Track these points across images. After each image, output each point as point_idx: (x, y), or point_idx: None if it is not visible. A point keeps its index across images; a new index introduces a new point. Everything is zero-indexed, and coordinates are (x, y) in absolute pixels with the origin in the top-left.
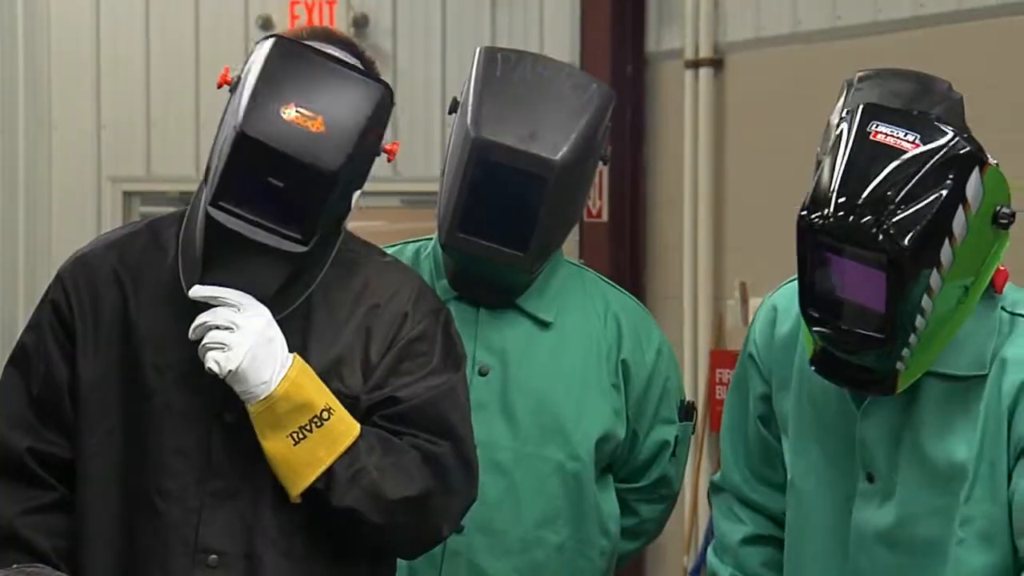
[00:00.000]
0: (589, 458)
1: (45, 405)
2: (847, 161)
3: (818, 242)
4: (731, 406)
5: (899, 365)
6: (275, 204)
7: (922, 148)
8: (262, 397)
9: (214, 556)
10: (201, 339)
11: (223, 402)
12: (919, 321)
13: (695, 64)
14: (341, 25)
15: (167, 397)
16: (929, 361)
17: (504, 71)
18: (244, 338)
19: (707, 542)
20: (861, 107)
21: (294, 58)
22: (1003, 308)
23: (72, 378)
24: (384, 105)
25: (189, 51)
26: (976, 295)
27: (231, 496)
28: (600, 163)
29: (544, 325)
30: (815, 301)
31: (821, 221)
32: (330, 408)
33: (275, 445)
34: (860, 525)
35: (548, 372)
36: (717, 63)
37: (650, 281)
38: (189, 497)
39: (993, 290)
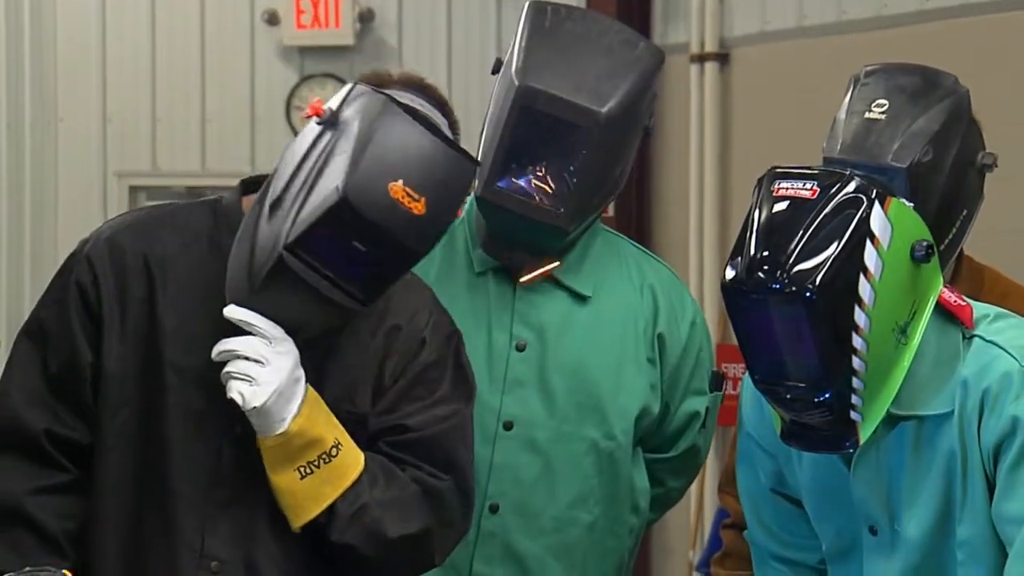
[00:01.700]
0: (625, 436)
1: (64, 386)
2: (755, 221)
3: (739, 304)
4: (743, 477)
5: (854, 415)
6: (351, 265)
7: (819, 192)
8: (277, 433)
9: (216, 563)
10: (225, 361)
11: (236, 414)
12: (856, 363)
13: (701, 58)
14: (347, 20)
15: (183, 399)
16: (884, 407)
17: (553, 23)
18: (273, 376)
19: (714, 536)
20: (767, 171)
21: (401, 124)
22: (963, 336)
23: (96, 365)
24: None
25: (195, 45)
26: (916, 334)
27: (235, 505)
28: (644, 133)
29: (582, 299)
30: (758, 365)
31: (734, 282)
32: (339, 443)
33: (282, 478)
34: None
35: (586, 348)
36: (723, 57)
37: None
38: (198, 502)
39: (963, 326)
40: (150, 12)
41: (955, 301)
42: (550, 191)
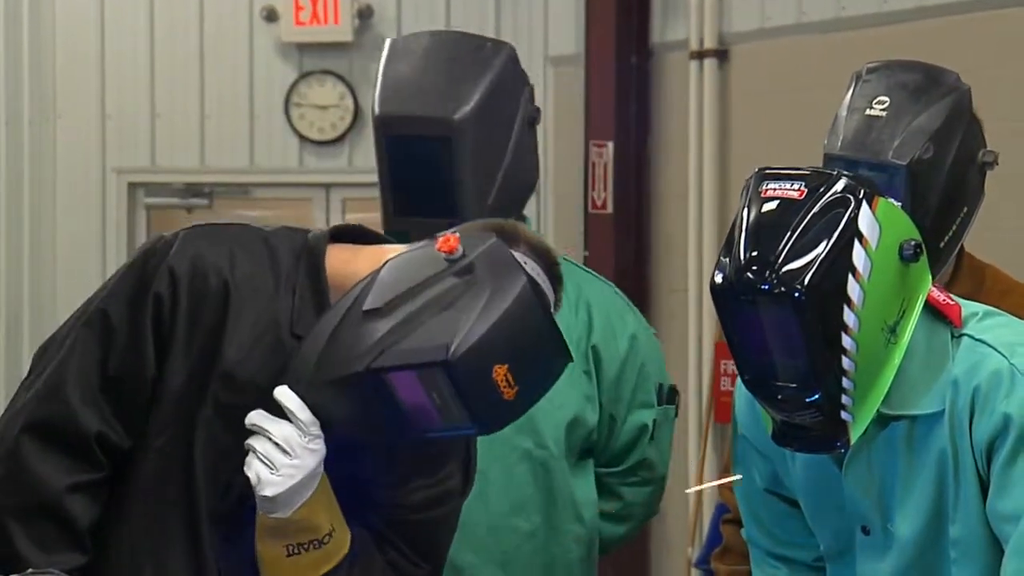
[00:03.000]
0: (557, 446)
1: (119, 391)
2: (743, 222)
3: (728, 305)
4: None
5: (844, 416)
6: (420, 411)
7: (807, 192)
8: (278, 515)
9: None
10: (252, 431)
11: None
12: (846, 363)
13: (700, 55)
14: (346, 16)
15: (212, 430)
16: (874, 407)
17: (402, 50)
18: (294, 471)
19: (713, 532)
20: (755, 172)
21: (530, 310)
22: (952, 335)
23: (156, 380)
24: None
25: (193, 42)
26: (905, 334)
27: (228, 543)
28: (529, 124)
29: None
30: (748, 366)
31: (723, 282)
32: (332, 531)
33: (269, 550)
34: None
35: None
36: (722, 54)
37: (655, 273)
38: (211, 537)
39: (952, 325)
40: (149, 9)
41: (944, 300)
42: (441, 204)
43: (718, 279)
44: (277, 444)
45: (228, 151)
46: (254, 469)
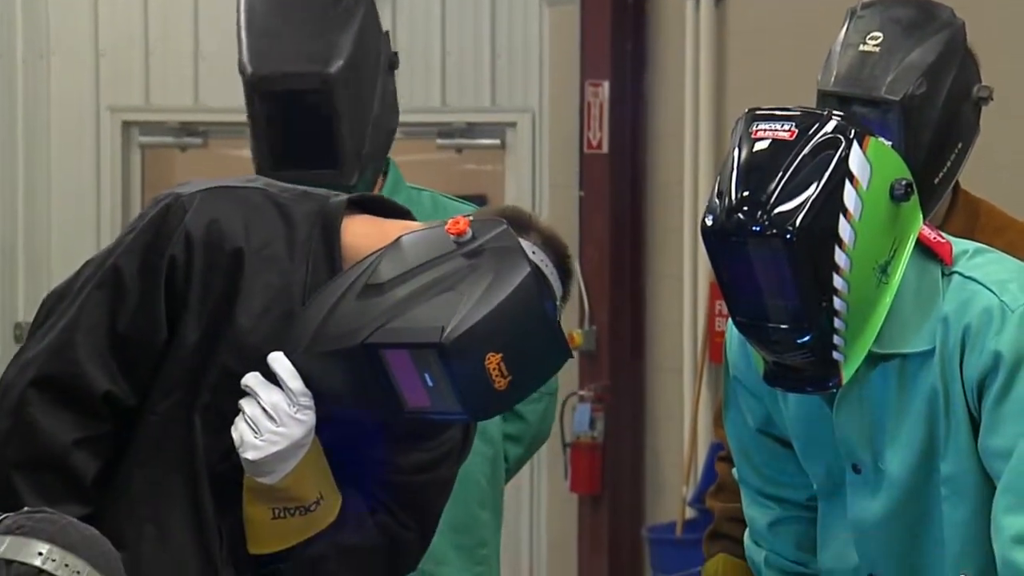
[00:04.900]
0: None
1: (128, 351)
2: (734, 163)
3: (719, 247)
4: (731, 421)
5: (836, 356)
6: (412, 389)
7: (797, 133)
8: (263, 481)
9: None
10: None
11: None
12: (838, 304)
13: None
14: None
15: (217, 396)
16: (866, 347)
17: (260, 7)
18: (278, 439)
19: (708, 471)
20: (745, 113)
21: (532, 302)
22: (942, 273)
23: (167, 343)
24: None
25: None
26: (896, 273)
27: (232, 505)
28: (389, 70)
29: None
30: (739, 308)
31: (714, 223)
32: (320, 499)
33: (254, 510)
34: (857, 516)
35: None
36: None
37: (651, 212)
38: (212, 498)
39: (943, 263)
40: None
41: (935, 238)
42: (321, 156)
43: (709, 221)
44: (265, 409)
45: (223, 90)
46: (239, 430)
